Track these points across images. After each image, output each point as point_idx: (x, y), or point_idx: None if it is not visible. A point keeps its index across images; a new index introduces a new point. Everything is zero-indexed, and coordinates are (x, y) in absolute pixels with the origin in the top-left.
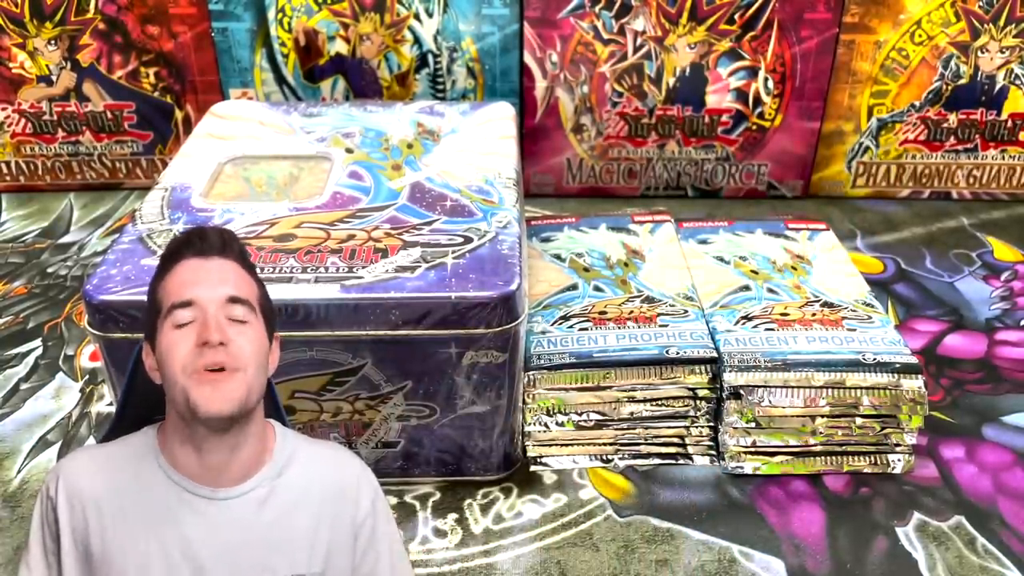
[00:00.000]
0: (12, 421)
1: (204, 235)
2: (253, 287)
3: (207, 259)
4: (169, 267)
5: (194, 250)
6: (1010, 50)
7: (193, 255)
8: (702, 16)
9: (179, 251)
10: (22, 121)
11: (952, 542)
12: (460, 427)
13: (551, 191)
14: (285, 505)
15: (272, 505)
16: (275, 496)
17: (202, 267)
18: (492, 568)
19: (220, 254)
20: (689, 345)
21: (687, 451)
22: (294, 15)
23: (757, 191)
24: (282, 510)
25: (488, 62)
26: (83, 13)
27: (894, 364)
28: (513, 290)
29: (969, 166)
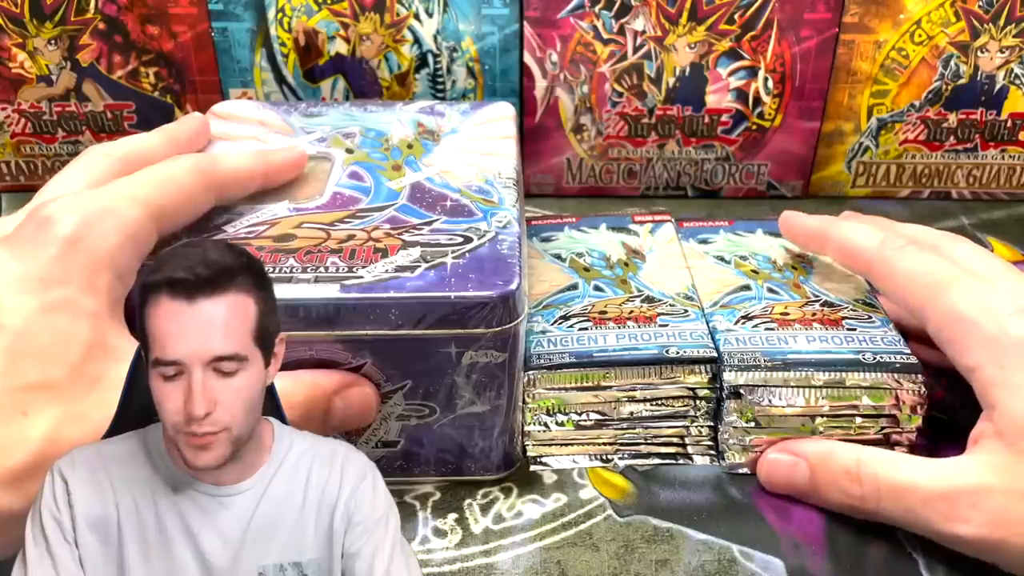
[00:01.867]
0: None
1: (186, 278)
2: (249, 317)
3: (193, 304)
4: (152, 294)
5: (176, 292)
6: (1010, 50)
7: (175, 296)
8: (702, 16)
9: (159, 286)
10: (22, 121)
11: None
12: (460, 427)
13: (551, 191)
14: (279, 495)
15: (268, 496)
16: (272, 489)
17: (185, 314)
18: (492, 568)
19: (208, 295)
20: (689, 345)
21: (687, 451)
22: (294, 15)
23: (757, 191)
24: (278, 501)
25: (488, 62)
26: (83, 13)
27: (894, 364)
28: (513, 290)
29: (969, 166)
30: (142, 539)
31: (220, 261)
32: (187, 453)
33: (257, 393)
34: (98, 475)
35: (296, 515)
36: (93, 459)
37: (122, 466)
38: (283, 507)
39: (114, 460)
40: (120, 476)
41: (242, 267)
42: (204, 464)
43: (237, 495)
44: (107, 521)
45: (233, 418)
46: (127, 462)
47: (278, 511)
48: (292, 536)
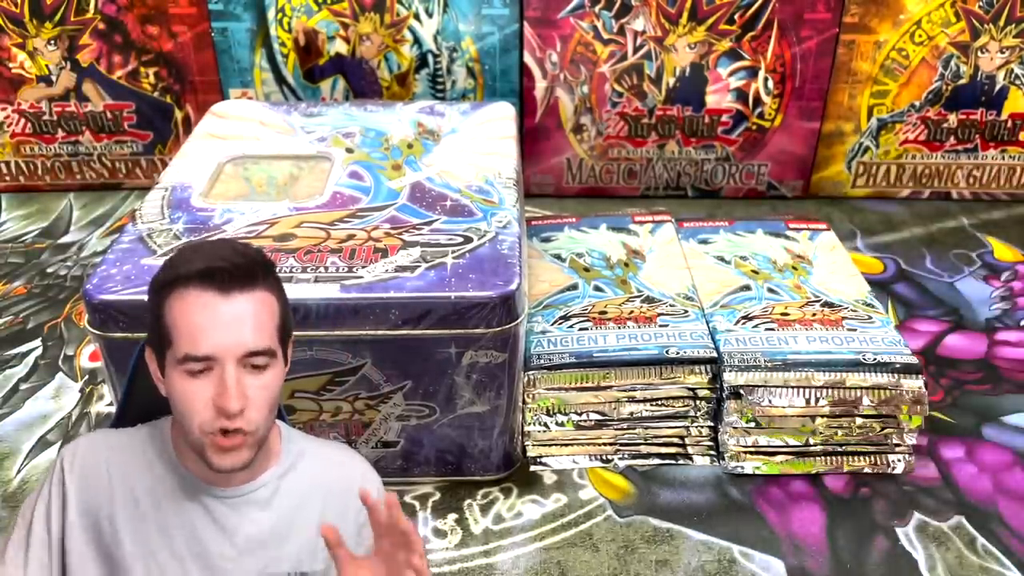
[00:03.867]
0: (12, 421)
1: (224, 268)
2: (274, 315)
3: (226, 296)
4: (177, 289)
5: (211, 283)
6: (1010, 50)
7: (209, 288)
8: (702, 16)
9: (191, 278)
10: (22, 121)
11: (952, 542)
12: (460, 427)
13: (551, 191)
14: (289, 503)
15: (277, 504)
16: (280, 495)
17: (220, 307)
18: (492, 568)
19: (242, 289)
20: (689, 345)
21: (687, 451)
22: (294, 15)
23: (757, 191)
24: (286, 508)
25: (488, 62)
26: (83, 13)
27: (894, 364)
28: (513, 290)
29: (969, 166)
30: (142, 538)
31: (249, 254)
32: (213, 456)
33: (279, 392)
34: (98, 467)
35: (310, 526)
36: (97, 449)
37: (126, 459)
38: (296, 516)
39: (119, 451)
40: (121, 470)
41: (266, 264)
42: (230, 466)
43: (241, 496)
44: (99, 515)
45: (262, 418)
46: (132, 455)
47: (291, 519)
48: (305, 546)
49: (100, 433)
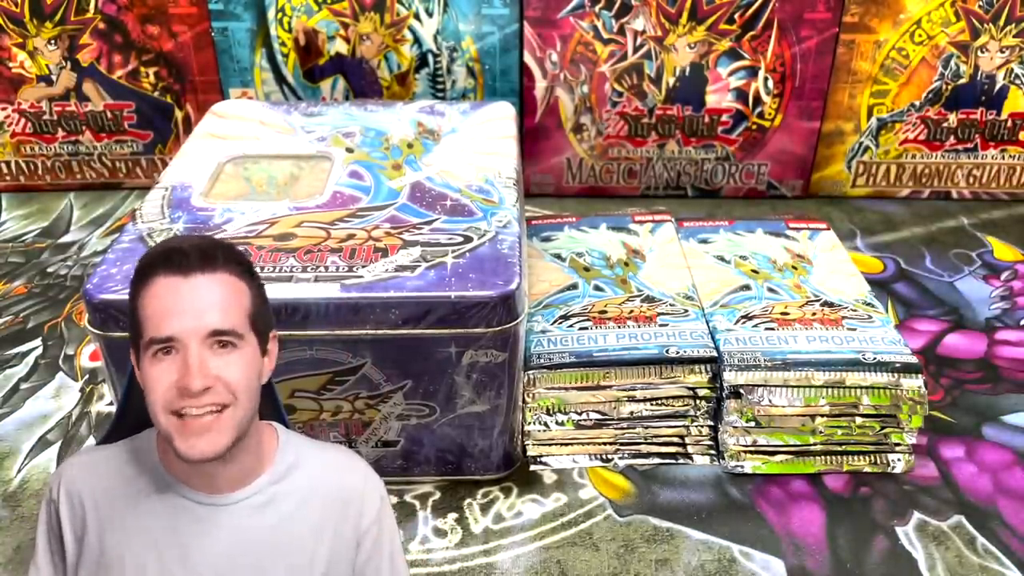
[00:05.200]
0: (12, 421)
1: (183, 249)
2: (243, 300)
3: (187, 277)
4: (145, 280)
5: (172, 267)
6: (1010, 50)
7: (171, 272)
8: (702, 16)
9: (155, 265)
10: (22, 121)
11: (952, 542)
12: (460, 426)
13: (551, 191)
14: (286, 511)
15: (272, 511)
16: (275, 502)
17: (181, 289)
18: (492, 568)
19: (202, 269)
20: (689, 344)
21: (687, 451)
22: (294, 15)
23: (757, 191)
24: (282, 516)
25: (488, 62)
26: (83, 13)
27: (894, 364)
28: (513, 289)
29: (969, 166)
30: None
31: (211, 241)
32: (180, 443)
33: (256, 378)
34: (78, 485)
35: (307, 533)
36: (79, 469)
37: (111, 476)
38: (292, 523)
39: (99, 468)
40: (102, 486)
41: (232, 252)
42: (200, 453)
43: (232, 504)
44: (84, 533)
45: (234, 397)
46: (118, 472)
47: (286, 527)
48: (300, 561)
49: (84, 454)
